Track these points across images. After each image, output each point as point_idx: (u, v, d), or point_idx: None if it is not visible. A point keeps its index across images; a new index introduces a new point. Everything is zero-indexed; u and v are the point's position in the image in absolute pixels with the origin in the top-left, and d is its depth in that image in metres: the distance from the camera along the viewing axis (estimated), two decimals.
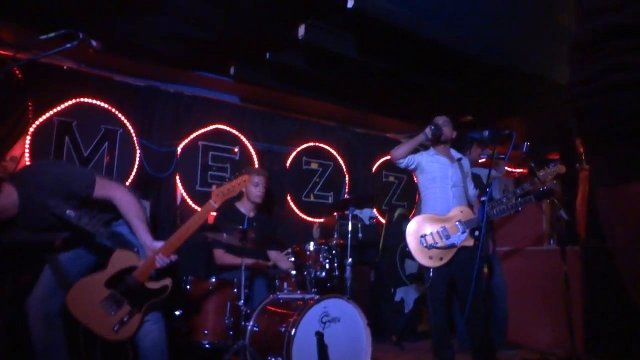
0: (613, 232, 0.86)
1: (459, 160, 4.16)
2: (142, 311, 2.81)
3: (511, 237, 5.43)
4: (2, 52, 4.14)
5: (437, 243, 3.86)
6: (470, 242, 3.85)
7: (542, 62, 4.66)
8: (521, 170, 7.49)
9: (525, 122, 6.27)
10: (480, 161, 4.89)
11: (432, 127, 3.93)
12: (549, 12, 4.06)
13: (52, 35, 2.49)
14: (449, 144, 4.17)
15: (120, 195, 2.80)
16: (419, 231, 3.92)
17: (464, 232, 3.86)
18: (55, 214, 2.68)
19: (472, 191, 4.21)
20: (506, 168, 6.24)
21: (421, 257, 3.88)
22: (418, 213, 4.16)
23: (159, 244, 2.77)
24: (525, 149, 4.52)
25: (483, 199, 3.66)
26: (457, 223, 3.90)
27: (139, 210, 2.83)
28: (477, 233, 3.71)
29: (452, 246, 3.85)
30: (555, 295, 4.59)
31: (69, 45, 2.53)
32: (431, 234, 3.88)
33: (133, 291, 2.78)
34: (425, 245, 3.87)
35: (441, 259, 3.85)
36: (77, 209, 2.74)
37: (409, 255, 5.54)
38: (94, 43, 2.63)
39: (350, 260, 4.21)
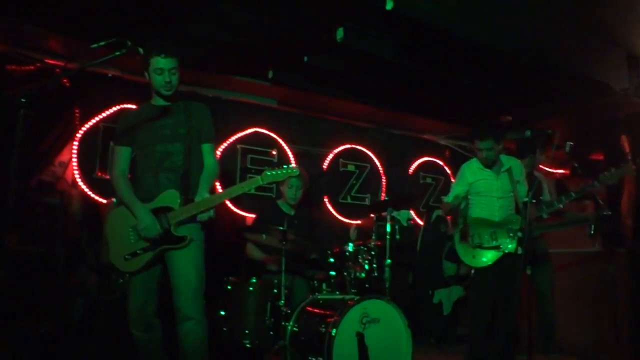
0: None
1: (507, 169, 3.92)
2: (155, 252, 2.86)
3: (554, 239, 5.30)
4: (52, 61, 4.32)
5: (482, 243, 3.80)
6: (517, 250, 3.70)
7: (583, 60, 4.55)
8: (562, 171, 7.31)
9: (567, 122, 6.12)
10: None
11: None
12: (589, 9, 3.97)
13: (102, 43, 2.58)
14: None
15: (213, 164, 3.10)
16: (468, 230, 3.88)
17: (513, 239, 3.76)
18: (166, 133, 2.95)
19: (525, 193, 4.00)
20: (544, 168, 6.10)
21: (465, 255, 3.85)
22: (460, 215, 4.06)
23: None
24: (568, 148, 4.42)
25: (525, 200, 3.59)
26: (508, 229, 3.79)
27: (214, 180, 3.09)
28: (519, 234, 3.63)
29: (497, 248, 3.78)
30: (602, 298, 4.47)
31: (117, 53, 2.61)
32: (479, 234, 3.83)
33: (159, 228, 2.86)
34: (470, 244, 3.82)
35: (484, 259, 3.79)
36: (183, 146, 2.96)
37: (447, 256, 5.49)
38: (140, 50, 2.72)
39: (388, 261, 4.21)
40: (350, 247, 4.08)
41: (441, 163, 6.93)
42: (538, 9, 3.90)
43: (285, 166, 3.02)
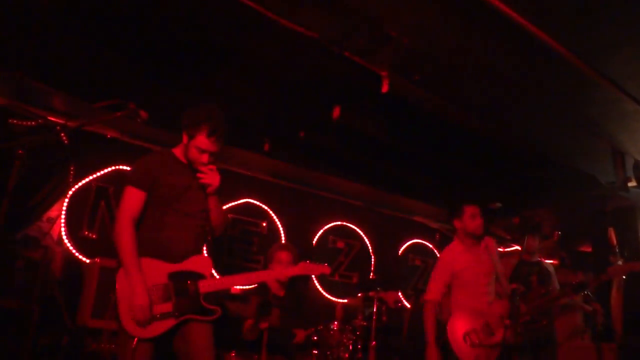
0: None
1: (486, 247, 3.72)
2: (178, 320, 2.62)
3: None
4: (54, 118, 4.39)
5: (482, 341, 3.46)
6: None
7: (571, 153, 4.69)
8: (551, 262, 7.30)
9: (555, 212, 6.20)
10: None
11: None
12: (578, 105, 4.14)
13: (105, 103, 2.65)
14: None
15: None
16: (461, 327, 3.53)
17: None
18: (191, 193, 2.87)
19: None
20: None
21: (467, 358, 3.46)
22: (450, 305, 3.83)
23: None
24: (556, 238, 4.45)
25: (512, 287, 3.53)
26: (501, 316, 3.48)
27: None
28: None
29: (497, 345, 3.44)
30: None
31: (119, 114, 2.68)
32: (474, 330, 3.50)
33: (186, 296, 2.65)
34: (469, 343, 3.47)
35: (488, 359, 3.47)
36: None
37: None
38: (142, 113, 2.77)
39: (374, 343, 4.09)
40: (335, 326, 3.98)
41: (431, 246, 6.91)
42: (529, 101, 4.07)
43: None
